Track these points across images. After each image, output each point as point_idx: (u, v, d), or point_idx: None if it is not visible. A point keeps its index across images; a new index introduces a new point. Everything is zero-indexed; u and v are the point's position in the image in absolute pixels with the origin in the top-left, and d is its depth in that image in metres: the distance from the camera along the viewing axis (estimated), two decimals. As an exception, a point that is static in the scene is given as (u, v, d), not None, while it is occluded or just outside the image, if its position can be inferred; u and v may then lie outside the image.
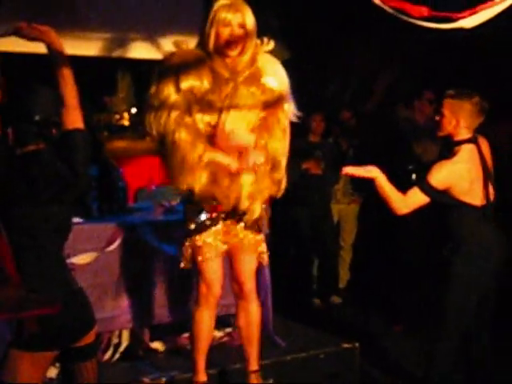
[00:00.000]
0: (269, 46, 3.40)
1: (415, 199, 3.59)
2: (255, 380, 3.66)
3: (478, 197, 3.65)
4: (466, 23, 3.63)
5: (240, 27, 3.26)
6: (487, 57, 5.36)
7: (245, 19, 3.27)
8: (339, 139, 6.37)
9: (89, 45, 6.40)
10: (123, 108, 6.92)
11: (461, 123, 3.62)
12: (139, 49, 6.64)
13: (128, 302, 4.30)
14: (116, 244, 4.20)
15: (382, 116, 6.21)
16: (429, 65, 6.48)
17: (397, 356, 4.75)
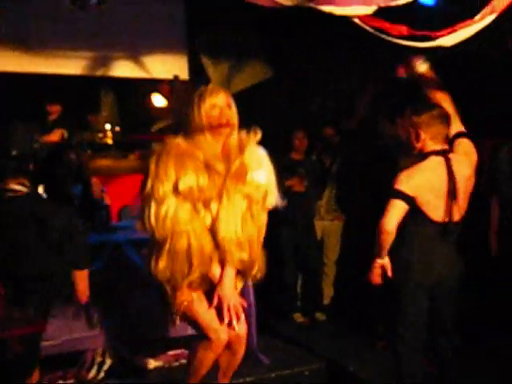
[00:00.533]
0: (256, 137, 3.39)
1: (394, 211, 3.51)
2: None
3: (439, 212, 3.55)
4: (445, 41, 3.65)
5: (228, 107, 3.29)
6: (469, 74, 5.43)
7: (229, 100, 3.31)
8: (322, 156, 6.39)
9: (72, 63, 6.43)
10: (106, 126, 6.93)
11: (421, 136, 3.59)
12: (122, 67, 6.67)
13: (111, 320, 4.29)
14: (99, 262, 4.20)
15: (366, 132, 6.23)
16: (412, 81, 6.52)
17: (380, 372, 4.75)
